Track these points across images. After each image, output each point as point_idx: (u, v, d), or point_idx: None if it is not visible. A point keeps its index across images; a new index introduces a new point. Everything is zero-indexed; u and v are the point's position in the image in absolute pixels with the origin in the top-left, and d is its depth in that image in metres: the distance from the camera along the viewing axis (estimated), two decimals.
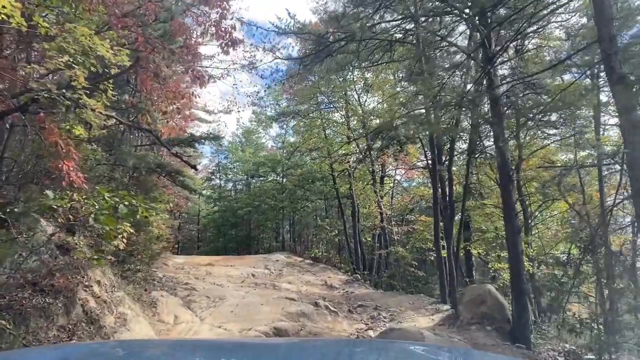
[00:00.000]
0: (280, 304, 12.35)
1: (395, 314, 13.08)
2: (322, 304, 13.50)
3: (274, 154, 33.65)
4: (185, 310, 11.31)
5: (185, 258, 25.01)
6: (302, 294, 15.53)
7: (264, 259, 24.58)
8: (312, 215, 33.10)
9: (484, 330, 9.99)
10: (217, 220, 35.02)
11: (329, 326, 11.79)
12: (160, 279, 14.53)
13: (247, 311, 11.60)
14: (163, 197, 18.15)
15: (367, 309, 14.35)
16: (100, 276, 9.56)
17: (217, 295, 12.94)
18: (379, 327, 11.79)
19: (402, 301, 15.14)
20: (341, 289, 19.08)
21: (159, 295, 11.64)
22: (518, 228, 10.44)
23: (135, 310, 9.91)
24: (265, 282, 18.10)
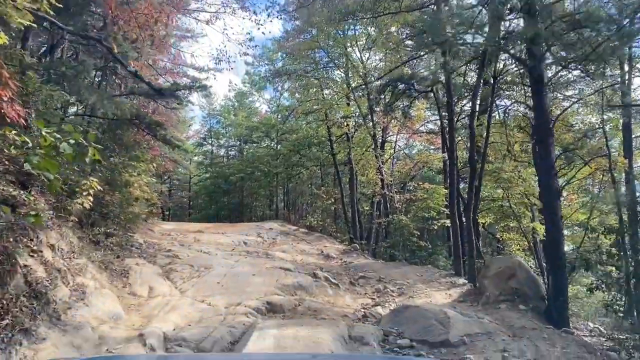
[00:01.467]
0: (274, 275, 10.57)
1: (404, 288, 11.37)
2: (321, 275, 11.76)
3: (268, 118, 31.50)
4: (163, 281, 9.49)
5: (174, 225, 23.15)
6: (297, 264, 13.76)
7: (256, 227, 22.82)
8: (307, 183, 31.23)
9: (516, 310, 8.30)
10: (209, 187, 33.06)
11: (330, 301, 10.04)
12: (139, 246, 12.65)
13: (236, 282, 9.81)
14: (145, 157, 16.16)
15: (370, 281, 12.64)
16: (57, 239, 7.64)
17: (203, 264, 11.12)
18: (388, 303, 10.08)
19: (408, 273, 13.44)
20: (339, 259, 17.38)
21: (133, 264, 9.81)
22: (557, 190, 8.65)
23: (100, 280, 8.05)
24: (258, 251, 16.33)
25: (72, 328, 6.41)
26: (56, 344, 5.94)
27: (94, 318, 6.93)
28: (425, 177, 24.89)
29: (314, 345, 6.41)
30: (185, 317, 7.71)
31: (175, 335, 6.81)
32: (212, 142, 35.84)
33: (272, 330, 6.90)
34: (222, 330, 7.14)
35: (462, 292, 10.19)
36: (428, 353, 6.74)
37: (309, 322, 7.46)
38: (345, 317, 8.69)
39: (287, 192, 32.23)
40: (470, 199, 12.19)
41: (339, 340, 6.86)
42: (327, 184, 28.56)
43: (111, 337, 6.61)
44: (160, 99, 12.71)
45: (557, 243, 8.47)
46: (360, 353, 6.76)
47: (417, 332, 7.39)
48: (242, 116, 32.46)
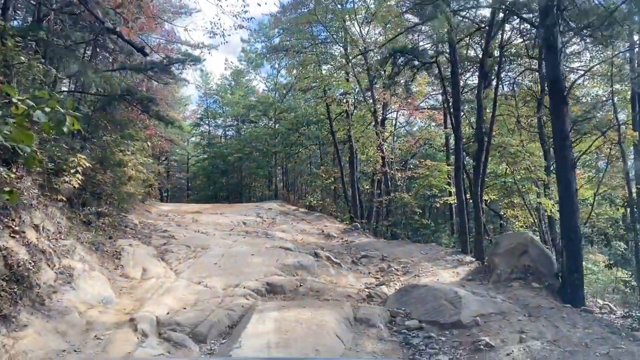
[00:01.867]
0: (274, 255, 10.09)
1: (409, 266, 10.91)
2: (323, 255, 11.29)
3: (265, 97, 30.71)
4: (157, 262, 9.01)
5: (172, 206, 22.69)
6: (298, 244, 13.31)
7: (255, 207, 22.36)
8: (306, 163, 30.65)
9: (529, 288, 7.83)
10: (207, 168, 32.47)
11: (333, 280, 9.59)
12: (134, 226, 12.16)
13: (234, 263, 9.33)
14: (140, 135, 15.55)
15: (373, 260, 12.19)
16: (42, 219, 7.12)
17: (199, 245, 10.64)
18: (393, 282, 9.62)
19: (412, 251, 12.97)
20: (340, 238, 16.93)
21: (126, 245, 9.32)
22: (572, 161, 8.11)
23: (90, 262, 7.55)
24: (257, 231, 15.85)
25: (57, 313, 5.93)
26: (39, 331, 5.47)
27: (82, 302, 6.45)
28: (426, 155, 24.33)
29: (317, 328, 5.95)
30: (181, 300, 7.23)
31: (169, 320, 6.34)
32: (209, 122, 35.12)
33: (272, 312, 6.44)
34: (219, 314, 6.68)
35: (470, 270, 9.73)
36: (439, 335, 6.29)
37: (311, 304, 7.00)
38: (349, 298, 8.24)
39: (286, 172, 31.68)
40: (478, 174, 11.66)
41: (344, 322, 6.41)
42: (327, 163, 27.98)
43: (100, 322, 6.14)
44: (152, 73, 12.05)
45: (573, 217, 7.97)
46: (366, 335, 6.31)
47: (426, 312, 6.94)
48: (239, 95, 31.69)
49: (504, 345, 5.68)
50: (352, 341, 6.05)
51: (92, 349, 5.47)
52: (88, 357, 5.23)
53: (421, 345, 6.07)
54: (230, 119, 34.42)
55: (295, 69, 24.32)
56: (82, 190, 10.41)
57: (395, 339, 6.35)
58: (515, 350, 5.50)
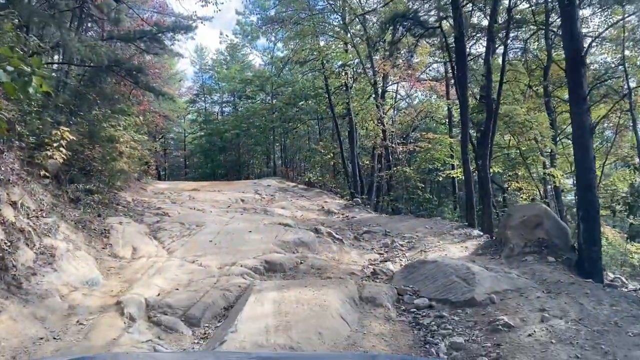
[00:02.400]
0: (273, 232, 9.55)
1: (414, 241, 10.39)
2: (324, 231, 10.76)
3: (262, 71, 29.84)
4: (148, 241, 8.47)
5: (169, 184, 22.16)
6: (298, 220, 12.79)
7: (254, 184, 21.85)
8: (304, 139, 29.98)
9: (545, 262, 7.30)
10: (204, 145, 31.82)
11: (335, 257, 9.07)
12: (126, 204, 11.62)
13: (230, 241, 8.79)
14: (132, 110, 14.86)
15: (376, 236, 11.68)
16: (20, 196, 6.52)
17: (194, 222, 10.10)
18: (398, 258, 9.11)
19: (416, 226, 12.46)
20: (340, 214, 16.45)
21: (115, 222, 8.76)
22: (590, 126, 7.50)
23: (75, 241, 7.00)
24: (255, 208, 15.33)
25: (36, 297, 5.40)
26: (14, 317, 4.95)
27: (64, 285, 5.92)
28: (427, 128, 23.66)
29: (319, 309, 5.43)
30: (173, 281, 6.70)
31: (160, 302, 5.81)
32: (205, 98, 34.27)
33: (271, 292, 5.90)
34: (214, 295, 6.16)
35: (480, 244, 9.21)
36: (451, 314, 5.77)
37: (313, 282, 6.47)
38: (353, 275, 7.72)
39: (284, 148, 31.03)
40: (486, 144, 11.05)
41: (349, 302, 5.89)
42: (326, 139, 27.33)
43: (83, 306, 5.62)
44: (141, 43, 11.30)
45: (590, 187, 7.42)
46: (373, 315, 5.80)
47: (437, 290, 6.42)
48: (234, 69, 30.79)
49: (524, 324, 5.17)
50: (357, 322, 5.54)
51: (73, 335, 4.96)
52: (67, 344, 4.72)
53: (432, 325, 5.57)
54: (226, 95, 33.61)
55: (292, 41, 23.44)
56: (69, 166, 9.83)
57: (404, 318, 5.84)
58: (537, 330, 4.99)
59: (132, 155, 14.56)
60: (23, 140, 7.89)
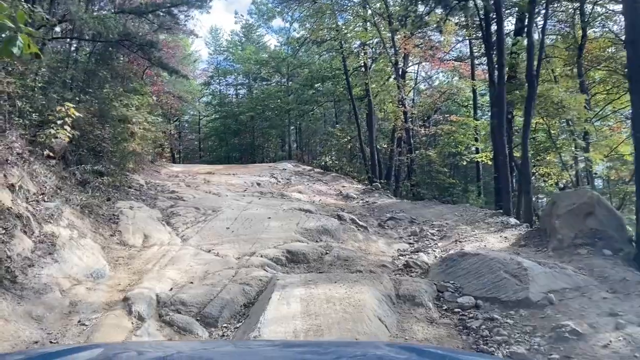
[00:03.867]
0: (294, 218, 8.79)
1: (445, 230, 9.58)
2: (347, 217, 10.00)
3: (278, 52, 28.86)
4: (161, 227, 7.76)
5: (183, 167, 21.62)
6: (318, 205, 12.03)
7: (269, 168, 21.21)
8: (320, 122, 29.10)
9: (600, 256, 6.44)
10: (219, 128, 31.16)
11: (361, 247, 8.30)
12: (139, 187, 10.94)
13: (249, 227, 8.06)
14: (145, 89, 14.14)
15: (402, 223, 10.88)
16: (19, 178, 5.81)
17: (210, 206, 9.38)
18: (430, 249, 8.31)
19: (443, 213, 11.63)
20: (360, 199, 15.70)
21: (126, 207, 8.06)
22: None
23: (80, 228, 6.30)
24: (272, 192, 14.63)
25: (33, 293, 4.72)
26: (6, 316, 4.26)
27: (66, 277, 5.23)
28: (448, 111, 22.65)
29: (354, 310, 4.68)
30: (187, 273, 5.99)
31: (172, 298, 5.11)
32: (219, 80, 33.47)
33: (297, 289, 5.15)
34: (232, 289, 5.43)
35: (520, 234, 8.37)
36: (503, 316, 4.98)
37: (343, 277, 5.71)
38: (384, 268, 6.95)
39: (300, 131, 30.21)
40: (527, 124, 10.09)
41: (385, 301, 5.13)
42: (342, 122, 26.44)
43: (87, 302, 4.92)
44: (153, 17, 10.49)
45: None
46: (413, 317, 5.04)
47: (482, 287, 5.62)
48: (249, 50, 29.87)
49: (595, 332, 4.37)
50: (397, 326, 4.79)
51: (73, 338, 4.27)
52: None
53: (483, 329, 4.78)
54: (241, 77, 32.75)
55: (309, 20, 22.42)
56: (77, 146, 9.14)
57: (449, 320, 5.06)
58: (613, 339, 4.19)
59: (145, 136, 13.92)
60: (25, 117, 7.18)
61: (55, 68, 8.91)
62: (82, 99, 9.28)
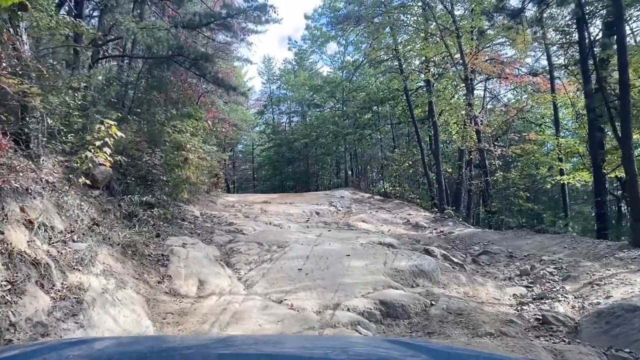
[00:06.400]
0: (379, 256, 6.98)
1: (564, 267, 7.47)
2: (438, 253, 8.11)
3: (332, 77, 27.59)
4: (219, 269, 6.16)
5: (239, 196, 20.42)
6: (395, 237, 10.20)
7: (326, 196, 19.71)
8: (377, 147, 27.39)
9: None
10: (272, 157, 30.11)
11: (468, 292, 6.36)
12: (194, 219, 9.53)
13: (325, 268, 6.33)
14: (199, 114, 12.94)
15: (499, 258, 8.86)
16: (41, 212, 4.38)
17: (274, 241, 7.75)
18: (557, 293, 6.27)
19: (546, 245, 9.48)
20: (432, 229, 13.78)
21: (178, 244, 6.55)
22: None
23: (119, 275, 4.78)
24: (336, 221, 12.98)
25: None
26: None
27: None
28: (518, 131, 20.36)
29: None
30: (255, 334, 4.30)
31: None
32: (272, 109, 32.58)
33: None
34: None
35: None
36: None
37: (475, 345, 3.84)
38: (512, 325, 5.01)
39: (355, 157, 28.57)
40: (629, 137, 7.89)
41: None
42: (400, 146, 24.60)
43: None
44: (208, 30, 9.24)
45: None
46: None
47: None
48: (303, 76, 28.82)
49: None
50: None
51: None
52: None
53: None
54: (294, 104, 31.74)
55: (366, 40, 21.03)
56: (123, 174, 7.83)
57: None
58: None
59: (200, 165, 12.69)
60: (59, 140, 5.87)
61: (100, 87, 7.70)
62: (129, 120, 8.01)
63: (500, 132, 19.21)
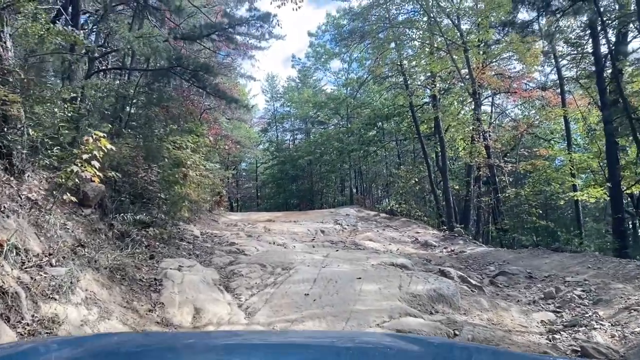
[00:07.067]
0: (393, 278, 6.36)
1: (593, 289, 6.82)
2: (454, 274, 7.48)
3: (336, 95, 27.23)
4: (218, 295, 5.55)
5: (241, 215, 19.93)
6: (406, 256, 9.58)
7: (331, 214, 19.20)
8: (382, 164, 26.88)
9: None
10: (276, 174, 29.64)
11: (492, 319, 5.72)
12: (193, 239, 8.96)
13: (335, 293, 5.71)
14: (200, 129, 12.46)
15: (518, 279, 8.22)
16: (16, 231, 3.81)
17: (278, 262, 7.15)
18: (591, 320, 5.62)
19: (566, 265, 8.84)
20: (442, 248, 13.21)
21: (173, 267, 5.97)
22: None
23: (104, 303, 4.22)
24: (343, 240, 12.39)
25: None
26: None
27: None
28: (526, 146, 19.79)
29: None
30: None
31: None
32: (276, 127, 32.21)
33: None
34: None
35: None
36: None
37: None
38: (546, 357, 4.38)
39: (360, 174, 28.03)
40: None
41: None
42: (407, 162, 24.08)
43: None
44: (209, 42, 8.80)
45: None
46: None
47: None
48: (307, 94, 28.50)
49: None
50: None
51: None
52: None
53: None
54: (298, 122, 31.38)
55: (371, 57, 20.68)
56: (118, 191, 7.29)
57: None
58: None
59: (202, 182, 12.17)
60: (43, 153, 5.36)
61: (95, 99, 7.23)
62: (124, 134, 7.50)
63: (508, 148, 18.66)
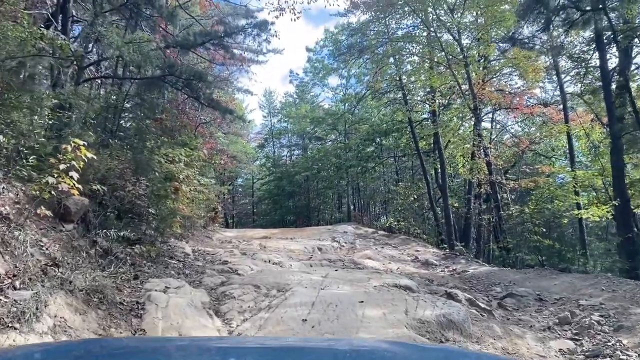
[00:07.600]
0: (398, 302, 5.84)
1: (611, 314, 6.34)
2: (462, 297, 6.97)
3: (334, 110, 26.93)
4: (206, 321, 5.02)
5: (237, 232, 19.43)
6: (408, 276, 9.08)
7: (328, 231, 18.73)
8: (380, 180, 26.46)
9: None
10: (272, 190, 29.14)
11: (507, 348, 5.21)
12: (184, 257, 8.45)
13: (335, 319, 5.19)
14: (194, 143, 12.02)
15: (527, 302, 7.75)
16: None
17: (274, 284, 6.62)
18: (614, 349, 5.13)
19: (577, 287, 8.37)
20: (443, 267, 12.80)
21: (158, 289, 5.45)
22: None
23: (76, 330, 3.79)
24: (341, 259, 11.89)
25: None
26: None
27: None
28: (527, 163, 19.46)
29: None
30: None
31: None
32: (273, 142, 31.83)
33: None
34: None
35: None
36: None
37: None
38: None
39: (358, 191, 27.57)
40: None
41: None
42: (405, 179, 23.67)
43: None
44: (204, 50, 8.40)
45: None
46: None
47: None
48: (304, 109, 28.21)
49: None
50: None
51: None
52: None
53: None
54: (295, 137, 31.01)
55: (369, 72, 20.42)
56: (103, 206, 6.80)
57: None
58: None
59: (196, 198, 11.68)
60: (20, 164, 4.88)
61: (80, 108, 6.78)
62: (111, 144, 7.04)
63: (509, 165, 18.29)
